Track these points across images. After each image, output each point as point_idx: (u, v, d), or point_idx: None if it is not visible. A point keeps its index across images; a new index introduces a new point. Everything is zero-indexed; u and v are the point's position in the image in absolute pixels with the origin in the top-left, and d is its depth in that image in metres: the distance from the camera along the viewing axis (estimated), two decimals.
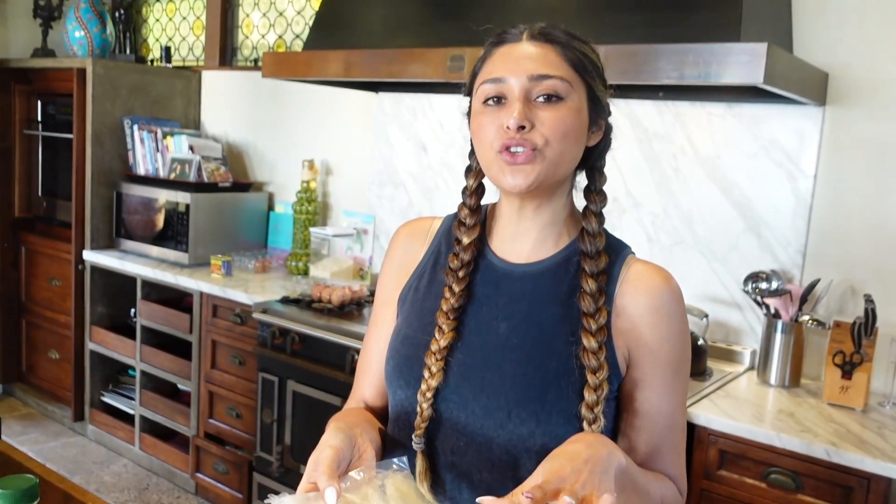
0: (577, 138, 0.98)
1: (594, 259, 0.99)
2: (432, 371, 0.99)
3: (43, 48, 3.95)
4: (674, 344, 0.99)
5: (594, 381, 0.94)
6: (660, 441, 1.00)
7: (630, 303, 0.99)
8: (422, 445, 1.00)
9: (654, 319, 0.98)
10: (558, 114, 0.95)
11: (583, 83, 0.98)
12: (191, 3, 4.17)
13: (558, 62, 0.97)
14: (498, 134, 0.95)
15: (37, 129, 3.98)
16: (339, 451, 0.89)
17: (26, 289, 4.08)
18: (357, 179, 3.39)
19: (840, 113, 2.25)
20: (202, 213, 3.40)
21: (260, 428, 2.77)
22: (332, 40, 2.73)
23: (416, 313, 1.06)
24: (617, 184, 2.62)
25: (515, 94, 0.95)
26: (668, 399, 0.99)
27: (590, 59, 1.00)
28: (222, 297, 3.01)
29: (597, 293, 0.97)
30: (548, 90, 0.95)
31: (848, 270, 2.26)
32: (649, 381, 0.99)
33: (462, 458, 0.99)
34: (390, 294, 1.12)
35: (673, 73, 1.90)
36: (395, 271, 1.12)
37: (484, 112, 0.98)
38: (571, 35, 1.00)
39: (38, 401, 4.03)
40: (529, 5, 2.34)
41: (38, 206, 4.04)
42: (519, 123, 0.93)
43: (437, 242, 1.10)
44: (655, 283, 1.00)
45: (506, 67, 0.97)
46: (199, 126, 4.01)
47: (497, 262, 1.05)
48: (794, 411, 2.00)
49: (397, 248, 1.13)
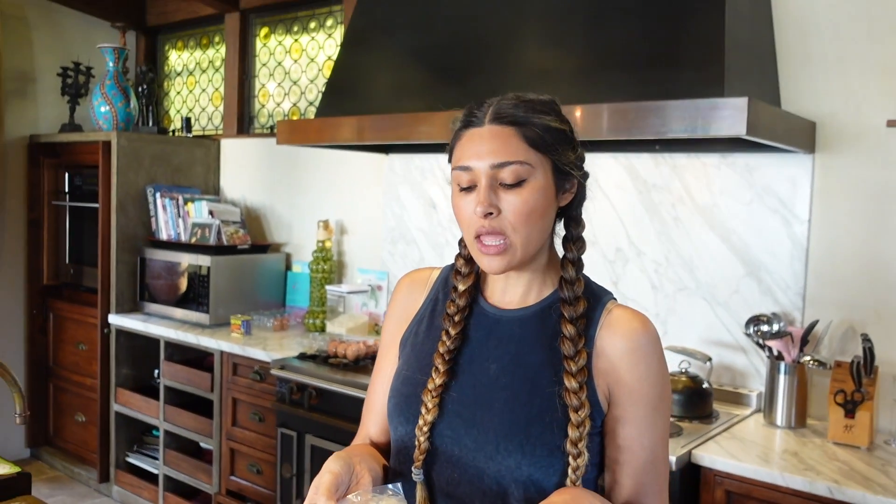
0: (544, 213, 1.06)
1: (572, 305, 1.07)
2: (428, 407, 1.08)
3: (70, 123, 4.15)
4: (652, 382, 1.06)
5: (577, 419, 1.02)
6: (642, 475, 1.06)
7: (609, 345, 1.06)
8: (421, 476, 1.08)
9: (633, 360, 1.06)
10: (521, 197, 1.03)
11: (545, 159, 1.05)
12: (209, 76, 4.38)
13: (517, 145, 1.03)
14: (472, 220, 1.05)
15: (64, 199, 4.17)
16: (337, 476, 0.98)
17: (54, 353, 4.20)
18: (370, 237, 3.51)
19: (829, 159, 2.34)
20: (222, 274, 3.52)
21: (280, 483, 2.83)
22: (343, 107, 2.87)
23: (416, 355, 1.15)
24: (619, 234, 2.71)
25: (482, 181, 1.04)
26: (648, 434, 1.06)
27: (552, 131, 1.05)
28: (242, 356, 3.11)
29: (576, 337, 1.05)
30: (510, 176, 1.03)
31: (847, 311, 2.31)
32: (630, 417, 1.06)
33: (456, 488, 1.07)
34: (392, 339, 1.21)
35: (661, 128, 2.00)
36: (397, 319, 1.22)
37: (459, 195, 1.08)
38: (533, 108, 1.06)
39: (65, 463, 4.11)
40: (526, 69, 2.48)
41: (65, 274, 4.20)
42: (486, 211, 1.03)
43: (435, 290, 1.20)
44: (633, 326, 1.07)
45: (471, 154, 1.05)
46: (219, 191, 4.18)
47: (489, 308, 1.14)
48: (799, 451, 2.04)
49: (399, 297, 1.23)
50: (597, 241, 2.75)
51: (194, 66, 4.48)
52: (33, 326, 4.23)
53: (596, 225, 2.75)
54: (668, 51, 2.20)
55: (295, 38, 3.93)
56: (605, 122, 2.10)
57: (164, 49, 4.66)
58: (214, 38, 4.36)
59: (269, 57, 4.05)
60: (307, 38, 3.87)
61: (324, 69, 3.78)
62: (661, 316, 2.61)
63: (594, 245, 2.75)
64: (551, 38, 2.46)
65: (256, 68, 4.11)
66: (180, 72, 4.57)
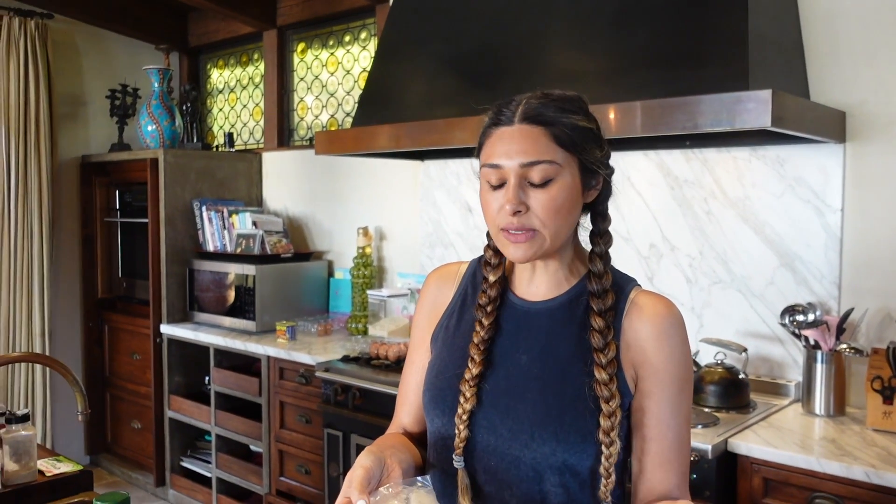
0: (571, 209, 1.10)
1: (601, 297, 1.11)
2: (466, 396, 1.12)
3: (119, 143, 4.33)
4: (676, 363, 1.10)
5: (608, 409, 1.06)
6: (668, 455, 1.10)
7: (636, 329, 1.11)
8: (462, 463, 1.12)
9: (659, 343, 1.10)
10: (549, 195, 1.06)
11: (573, 157, 1.08)
12: (250, 92, 4.52)
13: (547, 144, 1.06)
14: (500, 214, 1.09)
15: (115, 216, 4.35)
16: (369, 470, 1.02)
17: (109, 364, 4.38)
18: (408, 242, 3.60)
19: (860, 148, 2.35)
20: (267, 283, 3.64)
21: (327, 482, 2.91)
22: (379, 116, 2.96)
23: (448, 348, 1.20)
24: (653, 230, 2.75)
25: (511, 180, 1.07)
26: (674, 414, 1.10)
27: (579, 129, 1.08)
28: (288, 360, 3.21)
29: (605, 329, 1.09)
30: (538, 175, 1.06)
31: (883, 298, 2.31)
32: (656, 398, 1.10)
33: (494, 475, 1.11)
34: (424, 333, 1.26)
35: (688, 124, 2.04)
36: (427, 313, 1.27)
37: (487, 191, 1.12)
38: (562, 108, 1.08)
39: (123, 469, 4.27)
40: (554, 72, 2.53)
41: (118, 287, 4.37)
42: (515, 209, 1.07)
43: (464, 284, 1.25)
44: (658, 311, 1.12)
45: (501, 153, 1.08)
46: (262, 203, 4.31)
47: (517, 301, 1.18)
48: (837, 438, 2.05)
49: (429, 292, 1.28)
50: (630, 237, 2.78)
51: (235, 83, 4.63)
52: (90, 338, 4.41)
53: (630, 222, 2.79)
54: (693, 48, 2.24)
55: (331, 51, 4.04)
56: (638, 119, 2.14)
57: (206, 68, 4.83)
58: (254, 56, 4.51)
59: (306, 71, 4.18)
60: (342, 52, 3.99)
61: (359, 81, 3.89)
62: (697, 309, 2.64)
63: (628, 242, 2.79)
64: (577, 41, 2.52)
65: (294, 82, 4.24)
66: (222, 89, 4.72)
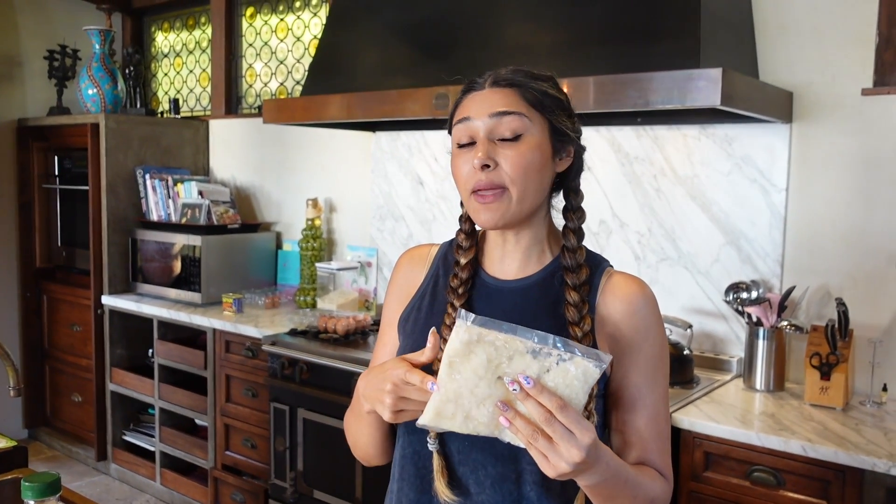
0: (541, 170, 1.10)
1: (575, 272, 1.11)
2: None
3: (58, 106, 4.16)
4: (652, 342, 1.11)
5: None
6: (647, 431, 1.11)
7: (611, 308, 1.11)
8: (436, 445, 1.11)
9: (634, 321, 1.11)
10: (518, 151, 1.07)
11: (542, 118, 1.10)
12: (196, 57, 4.39)
13: (517, 102, 1.09)
14: (470, 175, 1.09)
15: (54, 182, 4.19)
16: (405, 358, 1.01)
17: (49, 335, 4.24)
18: (359, 215, 3.55)
19: (806, 129, 2.38)
20: (213, 254, 3.56)
21: (274, 456, 2.89)
22: (329, 85, 2.90)
23: (420, 331, 1.17)
24: (603, 206, 2.75)
25: (481, 135, 1.08)
26: (651, 390, 1.11)
27: (549, 96, 1.11)
28: (234, 333, 3.15)
29: (580, 303, 1.09)
30: (508, 129, 1.08)
31: (824, 277, 2.37)
32: (633, 376, 1.10)
33: (469, 455, 1.11)
34: (394, 315, 1.24)
35: (640, 100, 2.04)
36: (398, 295, 1.25)
37: (458, 154, 1.12)
38: (532, 76, 1.11)
39: (63, 443, 4.17)
40: (508, 44, 2.50)
41: (57, 256, 4.23)
42: (483, 162, 1.06)
43: (435, 266, 1.23)
44: (632, 290, 1.12)
45: (471, 109, 1.11)
46: (208, 172, 4.20)
47: (489, 279, 1.17)
48: (776, 413, 2.10)
49: (399, 275, 1.26)
50: None
51: (181, 48, 4.49)
52: (27, 309, 4.27)
53: None
54: (645, 24, 2.23)
55: (280, 17, 3.94)
56: (591, 94, 2.13)
57: (150, 30, 4.66)
58: (201, 19, 4.37)
59: (255, 37, 4.06)
60: (293, 18, 3.88)
61: (310, 48, 3.80)
62: None
63: None
64: (532, 14, 2.49)
65: (243, 48, 4.13)
66: (167, 53, 4.57)
